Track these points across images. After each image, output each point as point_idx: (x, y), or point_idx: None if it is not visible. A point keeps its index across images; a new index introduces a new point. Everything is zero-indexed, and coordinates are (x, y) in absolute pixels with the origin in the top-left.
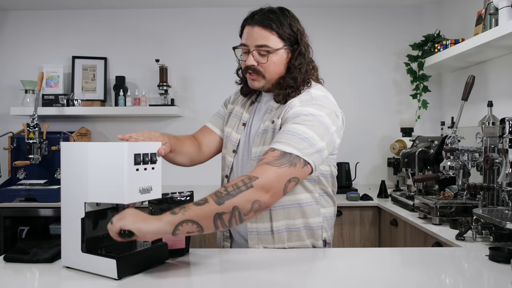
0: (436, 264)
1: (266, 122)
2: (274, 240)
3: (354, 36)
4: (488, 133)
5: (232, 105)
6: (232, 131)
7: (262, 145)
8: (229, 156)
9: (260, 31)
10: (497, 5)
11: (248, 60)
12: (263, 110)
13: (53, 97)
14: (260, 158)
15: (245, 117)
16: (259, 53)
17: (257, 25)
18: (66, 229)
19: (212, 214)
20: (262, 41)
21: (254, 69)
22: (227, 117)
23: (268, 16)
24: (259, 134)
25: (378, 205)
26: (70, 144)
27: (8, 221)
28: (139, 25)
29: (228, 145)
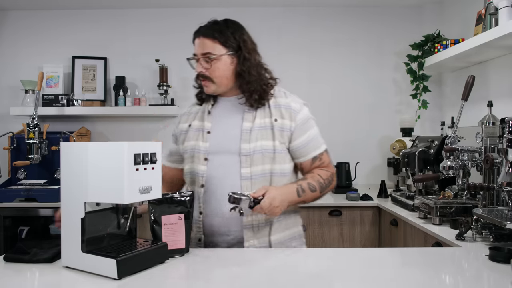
0: (436, 264)
1: (258, 120)
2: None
3: (354, 36)
4: (488, 133)
5: (185, 123)
6: (198, 142)
7: (261, 140)
8: (200, 166)
9: (205, 40)
10: (497, 5)
11: (197, 68)
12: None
13: (53, 97)
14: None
15: (207, 126)
16: (205, 60)
17: (202, 36)
18: (66, 229)
19: (315, 197)
20: (206, 49)
21: (203, 75)
22: (184, 135)
23: (211, 27)
24: (254, 131)
25: (378, 205)
26: (70, 144)
27: (8, 221)
28: (139, 25)
29: (196, 156)
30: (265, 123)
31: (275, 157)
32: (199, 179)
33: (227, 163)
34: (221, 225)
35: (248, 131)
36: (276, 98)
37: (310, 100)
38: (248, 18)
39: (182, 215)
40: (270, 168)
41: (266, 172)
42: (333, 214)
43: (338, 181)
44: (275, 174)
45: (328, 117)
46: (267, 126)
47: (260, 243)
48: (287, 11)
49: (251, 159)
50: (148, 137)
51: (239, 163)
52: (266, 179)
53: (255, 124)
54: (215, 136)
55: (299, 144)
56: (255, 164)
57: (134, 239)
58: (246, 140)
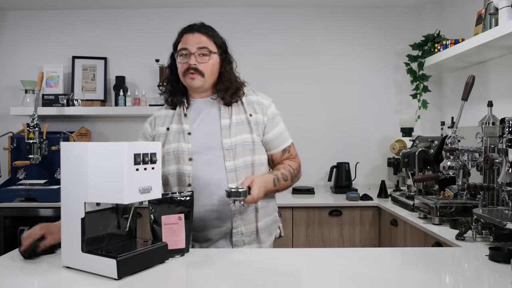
0: (436, 264)
1: (234, 116)
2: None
3: (354, 36)
4: (488, 133)
5: (162, 127)
6: (180, 144)
7: (240, 134)
8: (186, 166)
9: (201, 36)
10: (497, 5)
11: (191, 60)
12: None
13: (53, 97)
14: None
15: (186, 128)
16: (200, 54)
17: (197, 31)
18: (66, 229)
19: (286, 186)
20: (203, 43)
21: (195, 68)
22: (163, 138)
23: (205, 26)
24: (232, 126)
25: (378, 205)
26: (70, 144)
27: (8, 221)
28: (139, 25)
29: (180, 157)
30: (241, 118)
31: (255, 149)
32: (185, 179)
33: (211, 160)
34: (212, 219)
35: (227, 127)
36: (247, 96)
37: (310, 100)
38: (248, 18)
39: (182, 215)
40: (251, 160)
41: (248, 163)
42: (333, 214)
43: (338, 181)
44: (256, 165)
45: (328, 117)
46: (243, 121)
47: (247, 229)
48: (287, 12)
49: (233, 152)
50: None
51: (223, 157)
52: (248, 170)
53: (233, 120)
54: (196, 137)
55: (272, 137)
56: (238, 156)
57: (134, 239)
58: (227, 135)
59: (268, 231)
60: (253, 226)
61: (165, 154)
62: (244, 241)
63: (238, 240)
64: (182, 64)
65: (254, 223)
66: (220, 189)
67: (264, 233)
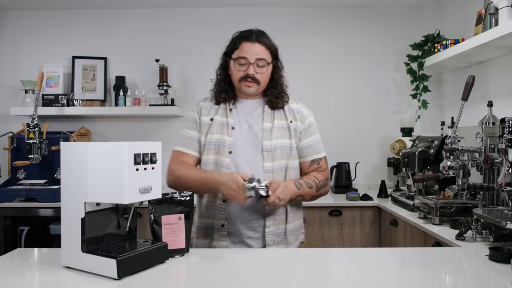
0: (436, 264)
1: (276, 121)
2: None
3: (354, 36)
4: (488, 133)
5: (207, 117)
6: (223, 136)
7: (280, 138)
8: (225, 158)
9: (260, 47)
10: (497, 5)
11: (249, 70)
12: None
13: (53, 97)
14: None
15: (231, 122)
16: (258, 65)
17: (257, 42)
18: (66, 229)
19: (312, 194)
20: (262, 55)
21: (253, 78)
22: (206, 127)
23: (263, 35)
24: (274, 130)
25: (378, 205)
26: (70, 144)
27: (8, 221)
28: (139, 25)
29: (221, 148)
30: (282, 124)
31: (291, 154)
32: (223, 170)
33: (249, 157)
34: (244, 213)
35: (269, 130)
36: (289, 104)
37: (309, 100)
38: (248, 19)
39: (182, 215)
40: (286, 163)
41: (283, 166)
42: (333, 214)
43: (338, 181)
44: (290, 169)
45: (328, 117)
46: (284, 127)
47: (277, 229)
48: (286, 12)
49: (272, 154)
50: (148, 137)
51: (261, 158)
52: (283, 172)
53: (275, 124)
54: (238, 132)
55: (304, 145)
56: (276, 159)
57: (134, 239)
58: (268, 138)
59: (295, 234)
60: (283, 227)
61: (207, 143)
62: (275, 240)
63: (270, 239)
64: (239, 72)
65: (284, 224)
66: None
67: (292, 235)
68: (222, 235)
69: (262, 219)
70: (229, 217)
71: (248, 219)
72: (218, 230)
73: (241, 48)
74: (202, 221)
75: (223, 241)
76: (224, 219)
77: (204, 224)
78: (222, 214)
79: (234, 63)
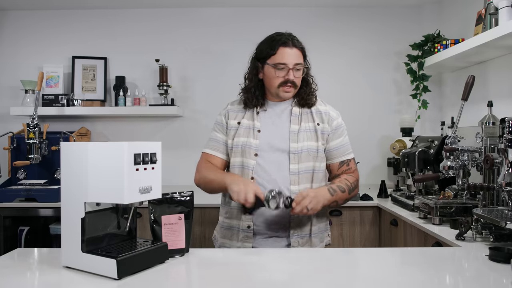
0: (436, 264)
1: (303, 123)
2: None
3: (354, 36)
4: (488, 133)
5: (234, 120)
6: (249, 139)
7: (307, 141)
8: (251, 160)
9: (297, 52)
10: (497, 5)
11: (289, 75)
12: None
13: (53, 97)
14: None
15: (257, 125)
16: (297, 70)
17: (295, 47)
18: (66, 229)
19: (344, 198)
20: (298, 60)
21: (293, 82)
22: (233, 131)
23: (297, 40)
24: (300, 132)
25: (378, 205)
26: (70, 144)
27: (8, 221)
28: (139, 25)
29: (247, 151)
30: (309, 126)
31: (318, 156)
32: (249, 172)
33: (275, 160)
34: (272, 216)
35: (296, 133)
36: (316, 106)
37: None
38: (247, 19)
39: (182, 215)
40: (313, 166)
41: (309, 169)
42: (333, 214)
43: None
44: (317, 171)
45: None
46: (311, 129)
47: (302, 231)
48: (286, 12)
49: (299, 157)
50: (148, 137)
51: (288, 160)
52: (309, 175)
53: (301, 127)
54: (264, 135)
55: (332, 147)
56: (302, 161)
57: (134, 239)
58: (294, 140)
59: (320, 236)
60: (308, 229)
61: (233, 146)
62: (299, 242)
63: (295, 240)
64: (279, 78)
65: (309, 226)
66: (283, 188)
67: (317, 237)
68: (248, 236)
69: (287, 219)
70: (255, 219)
71: (275, 220)
72: (244, 231)
73: (280, 54)
74: (228, 222)
75: (248, 242)
76: (251, 221)
77: (229, 225)
78: (248, 216)
79: (271, 69)
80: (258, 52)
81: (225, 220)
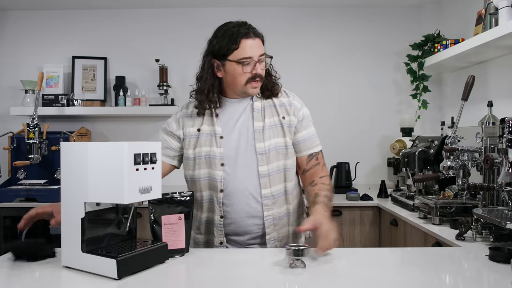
0: (436, 264)
1: (267, 119)
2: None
3: (354, 36)
4: (488, 133)
5: (192, 128)
6: (212, 148)
7: (274, 138)
8: (217, 171)
9: (259, 42)
10: (497, 5)
11: (256, 69)
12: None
13: (53, 97)
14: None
15: (218, 131)
16: (261, 61)
17: (257, 37)
18: (66, 229)
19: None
20: (262, 50)
21: (261, 76)
22: (194, 139)
23: (255, 28)
24: (266, 130)
25: (378, 205)
26: (70, 144)
27: (8, 221)
28: (139, 25)
29: (211, 161)
30: (274, 121)
31: (287, 153)
32: (217, 184)
33: (243, 165)
34: (244, 225)
35: (261, 130)
36: (279, 98)
37: (309, 100)
38: (247, 19)
39: (182, 215)
40: (284, 164)
41: (280, 168)
42: (333, 214)
43: (338, 181)
44: (288, 169)
45: (328, 117)
46: (277, 124)
47: (279, 234)
48: (286, 12)
49: (267, 157)
50: (148, 137)
51: (256, 162)
52: (281, 174)
53: (266, 123)
54: (228, 140)
55: (299, 139)
56: (271, 161)
57: (134, 239)
58: (260, 139)
59: (299, 234)
60: (285, 230)
61: (196, 157)
62: (277, 245)
63: (272, 246)
64: (246, 74)
65: (286, 227)
66: (253, 195)
67: (296, 235)
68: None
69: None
70: (228, 232)
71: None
72: (217, 247)
73: (243, 47)
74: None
75: None
76: (223, 236)
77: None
78: (221, 231)
79: (236, 65)
80: (216, 48)
81: (196, 235)
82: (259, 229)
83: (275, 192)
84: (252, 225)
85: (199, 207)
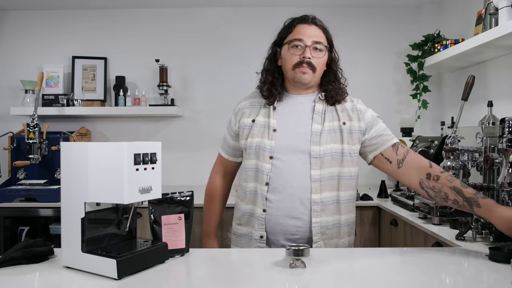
0: (436, 264)
1: (326, 123)
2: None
3: (354, 36)
4: (488, 133)
5: (248, 118)
6: (263, 139)
7: (330, 143)
8: (265, 163)
9: (317, 29)
10: (497, 5)
11: (306, 53)
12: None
13: (53, 97)
14: (402, 147)
15: (273, 123)
16: (315, 49)
17: (313, 24)
18: (66, 229)
19: None
20: (318, 38)
21: (309, 62)
22: (247, 130)
23: (319, 20)
24: (323, 133)
25: (378, 205)
26: (70, 144)
27: (8, 221)
28: (139, 25)
29: (261, 153)
30: (333, 126)
31: (343, 160)
32: (263, 177)
33: (294, 163)
34: (287, 224)
35: (318, 134)
36: (342, 103)
37: None
38: (247, 18)
39: (182, 215)
40: (338, 171)
41: (334, 175)
42: None
43: None
44: (343, 178)
45: None
46: (336, 130)
47: (326, 244)
48: (285, 12)
49: (321, 161)
50: (148, 137)
51: (309, 165)
52: (334, 182)
53: (325, 127)
54: (281, 135)
55: (373, 134)
56: (325, 166)
57: (134, 239)
58: (316, 142)
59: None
60: (334, 243)
61: (247, 148)
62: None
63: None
64: (294, 56)
65: (335, 239)
66: (300, 196)
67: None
68: (261, 247)
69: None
70: (269, 228)
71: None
72: (257, 241)
73: (297, 31)
74: (239, 228)
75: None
76: (263, 230)
77: (241, 232)
78: (261, 225)
79: (287, 48)
80: (277, 35)
81: (237, 226)
82: (298, 232)
83: (325, 199)
84: (291, 226)
85: (243, 198)
